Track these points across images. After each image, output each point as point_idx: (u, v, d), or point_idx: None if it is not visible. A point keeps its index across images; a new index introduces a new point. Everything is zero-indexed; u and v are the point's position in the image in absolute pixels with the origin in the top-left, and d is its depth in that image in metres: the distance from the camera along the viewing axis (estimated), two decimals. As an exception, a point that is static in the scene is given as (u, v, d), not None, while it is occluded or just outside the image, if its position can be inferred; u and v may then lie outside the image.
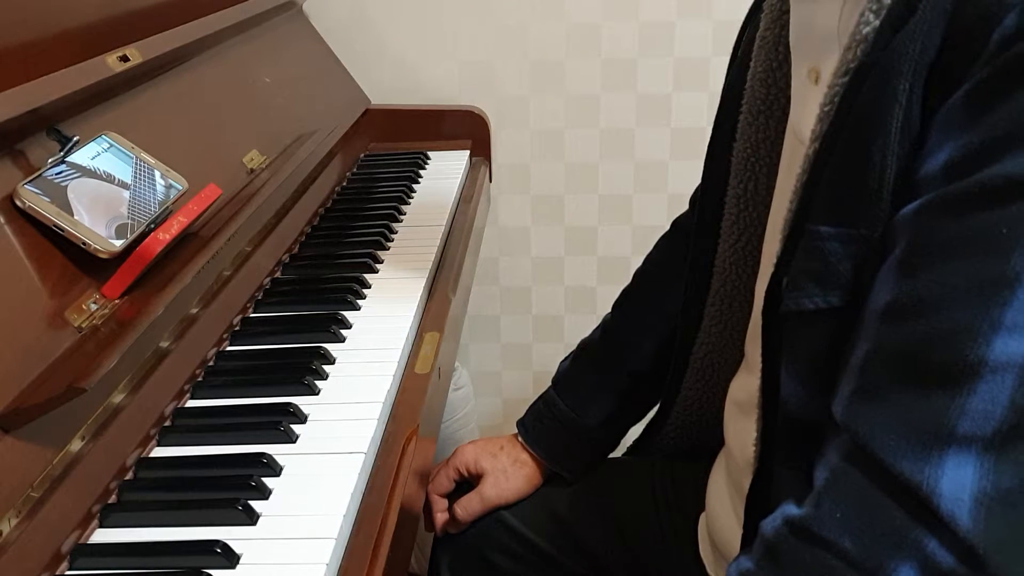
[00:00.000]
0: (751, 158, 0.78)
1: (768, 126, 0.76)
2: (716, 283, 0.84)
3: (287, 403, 0.80)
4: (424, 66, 1.62)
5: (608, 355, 1.01)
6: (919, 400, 0.52)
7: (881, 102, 0.56)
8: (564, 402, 1.00)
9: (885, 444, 0.53)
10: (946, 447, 0.51)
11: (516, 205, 1.71)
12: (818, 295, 0.60)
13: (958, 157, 0.53)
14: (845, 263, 0.59)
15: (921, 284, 0.53)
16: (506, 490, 0.98)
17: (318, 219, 1.24)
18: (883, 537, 0.53)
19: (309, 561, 0.63)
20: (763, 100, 0.76)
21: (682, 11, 1.57)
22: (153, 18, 1.05)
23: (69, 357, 0.70)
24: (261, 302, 1.00)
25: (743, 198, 0.80)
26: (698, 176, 0.88)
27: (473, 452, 1.00)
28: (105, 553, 0.66)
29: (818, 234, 0.60)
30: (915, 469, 0.52)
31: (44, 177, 0.76)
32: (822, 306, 0.60)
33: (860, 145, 0.58)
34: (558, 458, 0.99)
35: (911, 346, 0.53)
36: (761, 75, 0.75)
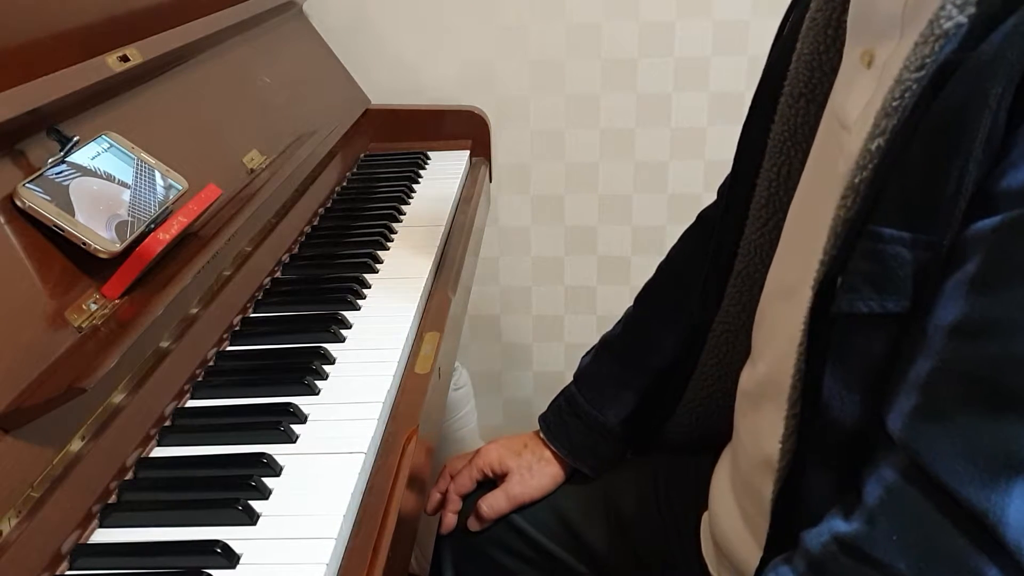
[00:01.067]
0: (788, 141, 0.77)
1: (808, 110, 0.75)
2: (739, 265, 0.84)
3: (287, 403, 0.80)
4: (424, 66, 1.62)
5: (630, 351, 1.00)
6: (988, 424, 0.51)
7: (969, 106, 0.53)
8: (585, 399, 1.00)
9: (949, 468, 0.51)
10: (1015, 475, 0.50)
11: (516, 205, 1.71)
12: (874, 299, 0.58)
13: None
14: (906, 269, 0.56)
15: (995, 304, 0.51)
16: (532, 487, 0.97)
17: (318, 219, 1.24)
18: (942, 563, 0.52)
19: (309, 561, 0.63)
20: (806, 83, 0.74)
21: (682, 11, 1.57)
22: (153, 18, 1.05)
23: (69, 357, 0.70)
24: (261, 302, 1.00)
25: (775, 181, 0.79)
26: (698, 175, 0.88)
27: (497, 451, 1.00)
28: (105, 553, 0.66)
29: (880, 236, 0.57)
30: (981, 496, 0.50)
31: (44, 177, 0.76)
32: (877, 311, 0.58)
33: (940, 149, 0.55)
34: (580, 455, 0.99)
35: (982, 368, 0.51)
36: (807, 57, 0.74)
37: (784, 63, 0.77)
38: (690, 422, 0.94)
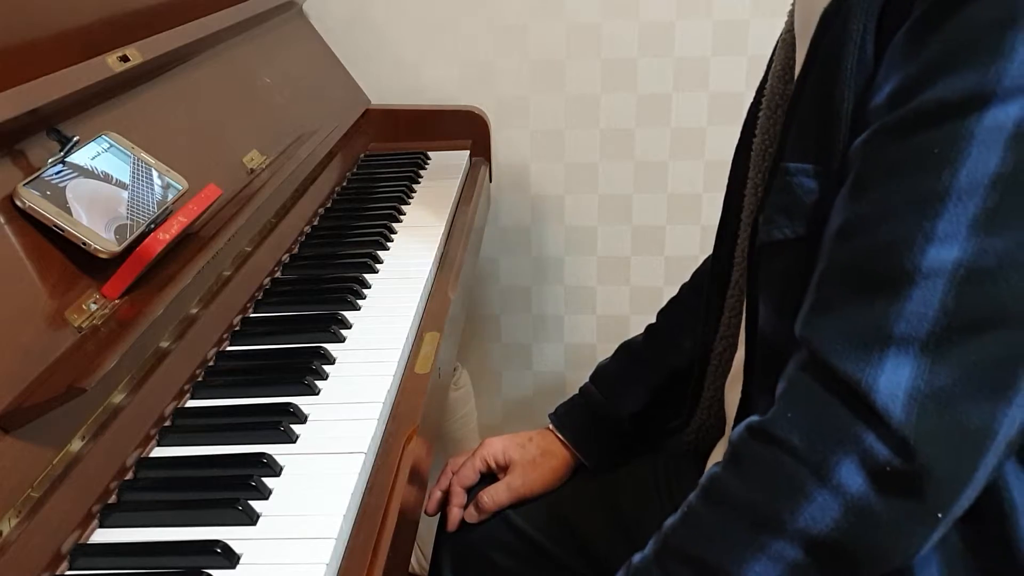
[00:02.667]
0: (768, 151, 0.79)
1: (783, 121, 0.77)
2: (736, 274, 0.85)
3: (287, 403, 0.80)
4: (424, 66, 1.62)
5: (649, 352, 1.02)
6: (863, 307, 0.57)
7: (839, 44, 0.62)
8: (599, 390, 1.01)
9: (832, 348, 0.58)
10: (885, 348, 0.56)
11: (516, 205, 1.71)
12: (787, 226, 0.66)
13: (899, 87, 0.58)
14: (810, 195, 0.64)
15: (866, 204, 0.59)
16: (533, 481, 0.98)
17: (318, 219, 1.24)
18: (827, 434, 0.58)
19: (309, 561, 0.63)
20: (780, 96, 0.78)
21: (682, 11, 1.57)
22: (153, 18, 1.05)
23: (69, 357, 0.70)
24: (261, 302, 1.00)
25: (759, 190, 0.80)
26: (698, 175, 0.88)
27: (501, 444, 1.01)
28: (105, 553, 0.66)
29: (787, 170, 0.66)
30: (856, 368, 0.57)
31: (44, 177, 0.76)
32: (790, 236, 0.66)
33: (822, 86, 0.63)
34: (584, 444, 0.99)
35: (856, 260, 0.59)
36: (779, 72, 0.77)
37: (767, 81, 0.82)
38: (700, 433, 0.95)
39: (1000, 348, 0.55)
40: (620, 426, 0.99)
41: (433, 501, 1.02)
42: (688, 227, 1.71)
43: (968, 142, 0.55)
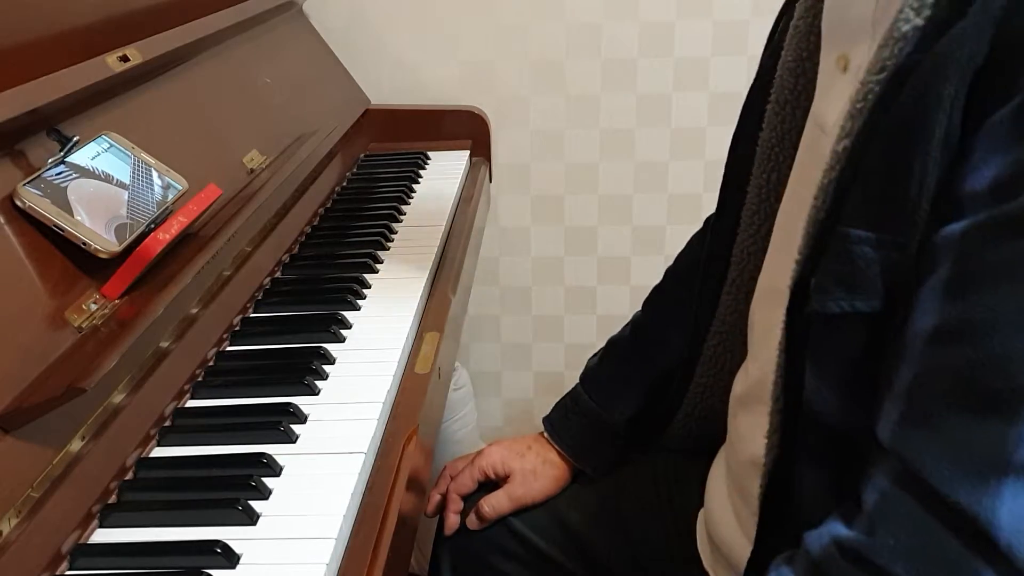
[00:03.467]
0: (775, 148, 0.78)
1: (795, 116, 0.76)
2: (733, 272, 0.84)
3: (287, 403, 0.80)
4: (424, 66, 1.62)
5: (636, 351, 1.00)
6: (972, 427, 0.51)
7: (924, 107, 0.55)
8: (591, 398, 1.00)
9: (939, 473, 0.52)
10: (1004, 476, 0.50)
11: (516, 205, 1.71)
12: (844, 299, 0.59)
13: (1006, 176, 0.51)
14: (874, 268, 0.57)
15: (970, 308, 0.52)
16: (534, 490, 0.97)
17: (318, 219, 1.24)
18: (938, 566, 0.52)
19: (309, 561, 0.63)
20: (791, 90, 0.75)
21: (682, 11, 1.57)
22: (153, 18, 1.05)
23: (69, 357, 0.70)
24: (261, 302, 1.00)
25: (765, 188, 0.80)
26: (698, 175, 0.88)
27: (500, 453, 1.00)
28: (105, 553, 0.66)
29: (849, 237, 0.58)
30: (972, 499, 0.50)
31: (44, 177, 0.76)
32: (848, 311, 0.59)
33: (899, 150, 0.56)
34: (583, 454, 0.99)
35: (962, 371, 0.52)
36: (791, 64, 0.75)
37: (772, 71, 0.78)
38: (688, 426, 0.94)
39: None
40: (615, 431, 0.98)
41: (431, 504, 1.01)
42: (688, 227, 1.70)
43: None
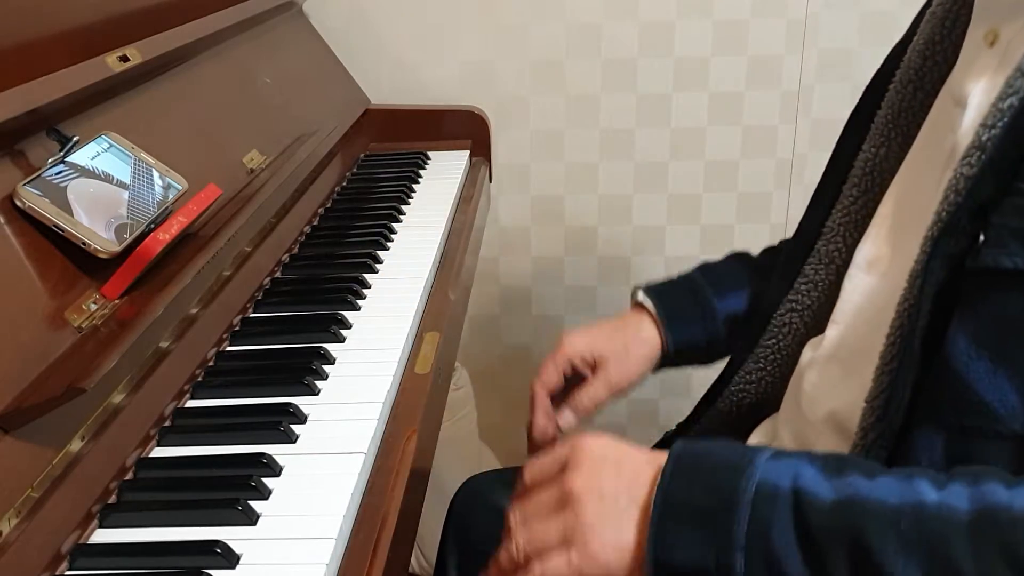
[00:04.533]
0: (890, 124, 0.80)
1: (915, 97, 0.78)
2: (821, 243, 0.84)
3: (287, 403, 0.80)
4: (424, 66, 1.62)
5: (762, 266, 0.98)
6: None
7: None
8: (705, 280, 0.97)
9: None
10: None
11: (516, 205, 1.71)
12: (1019, 255, 0.57)
13: None
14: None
15: None
16: (631, 371, 0.93)
17: (318, 219, 1.24)
18: None
19: (309, 561, 0.63)
20: (917, 70, 0.78)
21: (682, 11, 1.57)
22: (153, 18, 1.05)
23: (69, 357, 0.70)
24: (261, 302, 1.00)
25: (872, 162, 0.81)
26: (698, 175, 0.88)
27: (585, 339, 0.94)
28: (105, 553, 0.65)
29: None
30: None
31: (44, 177, 0.76)
32: (1022, 267, 0.56)
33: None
34: (677, 325, 0.94)
35: None
36: (921, 47, 0.77)
37: (899, 59, 0.81)
38: (732, 404, 0.92)
39: None
40: (716, 319, 0.95)
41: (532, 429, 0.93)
42: (688, 227, 1.71)
43: None
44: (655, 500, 0.59)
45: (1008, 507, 0.52)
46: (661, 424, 1.83)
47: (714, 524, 0.57)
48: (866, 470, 0.57)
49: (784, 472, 0.57)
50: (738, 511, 0.56)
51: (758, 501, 0.56)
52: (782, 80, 1.61)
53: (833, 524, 0.54)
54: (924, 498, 0.54)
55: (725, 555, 0.56)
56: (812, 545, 0.54)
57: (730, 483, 0.57)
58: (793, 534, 0.55)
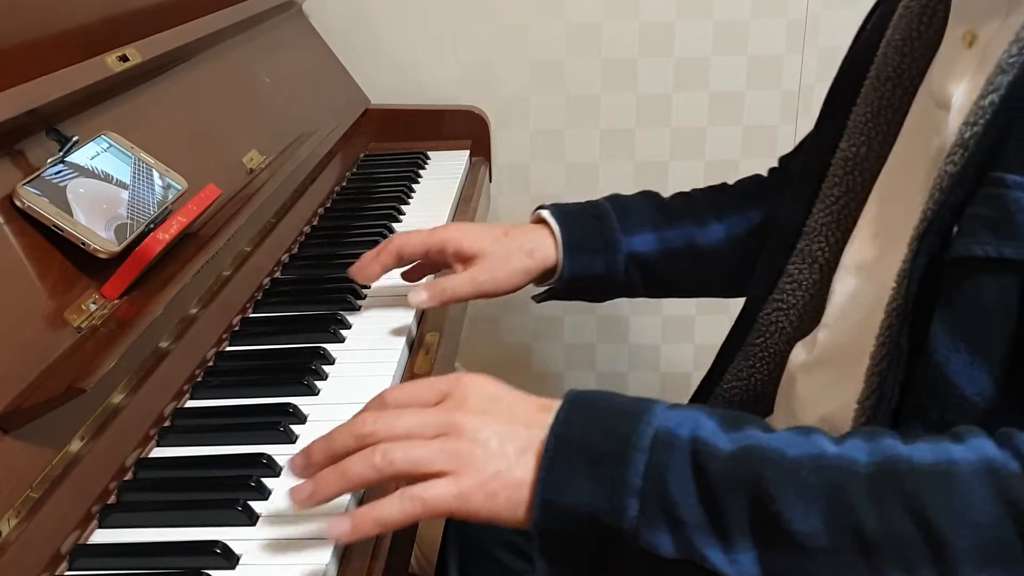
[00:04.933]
0: (870, 123, 0.79)
1: (894, 94, 0.77)
2: (803, 242, 0.84)
3: (287, 403, 0.80)
4: (424, 66, 1.62)
5: (674, 207, 0.98)
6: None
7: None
8: (612, 208, 0.96)
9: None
10: None
11: (516, 205, 1.71)
12: (991, 243, 0.57)
13: None
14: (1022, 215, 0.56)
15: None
16: (501, 279, 0.90)
17: (318, 219, 1.24)
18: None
19: (309, 562, 0.63)
20: (895, 67, 0.77)
21: (682, 11, 1.57)
22: (153, 18, 1.05)
23: (68, 357, 0.70)
24: (261, 302, 1.00)
25: (852, 161, 0.80)
26: (698, 175, 0.88)
27: (471, 230, 0.91)
28: (104, 554, 0.65)
29: (1003, 181, 0.57)
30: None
31: (43, 177, 0.76)
32: (993, 255, 0.57)
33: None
34: (576, 247, 0.92)
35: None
36: (897, 43, 0.77)
37: (869, 51, 0.80)
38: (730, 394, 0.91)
39: None
40: (618, 252, 0.94)
41: (362, 266, 0.91)
42: (688, 227, 1.71)
43: None
44: (547, 443, 0.58)
45: (908, 459, 0.53)
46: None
47: (608, 467, 0.56)
48: (763, 426, 0.57)
49: (683, 421, 0.57)
50: (634, 455, 0.56)
51: (656, 446, 0.55)
52: (782, 80, 1.61)
53: (732, 471, 0.54)
54: (824, 450, 0.54)
55: (618, 498, 0.55)
56: (710, 492, 0.54)
57: (626, 428, 0.57)
58: (691, 480, 0.55)
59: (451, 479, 0.57)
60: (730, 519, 0.54)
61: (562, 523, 0.57)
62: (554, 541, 0.58)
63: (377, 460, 0.57)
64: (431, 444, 0.58)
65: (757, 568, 0.54)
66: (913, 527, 0.51)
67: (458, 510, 0.57)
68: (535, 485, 0.57)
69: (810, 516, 0.52)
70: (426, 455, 0.58)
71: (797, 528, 0.52)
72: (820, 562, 0.53)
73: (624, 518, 0.55)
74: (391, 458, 0.57)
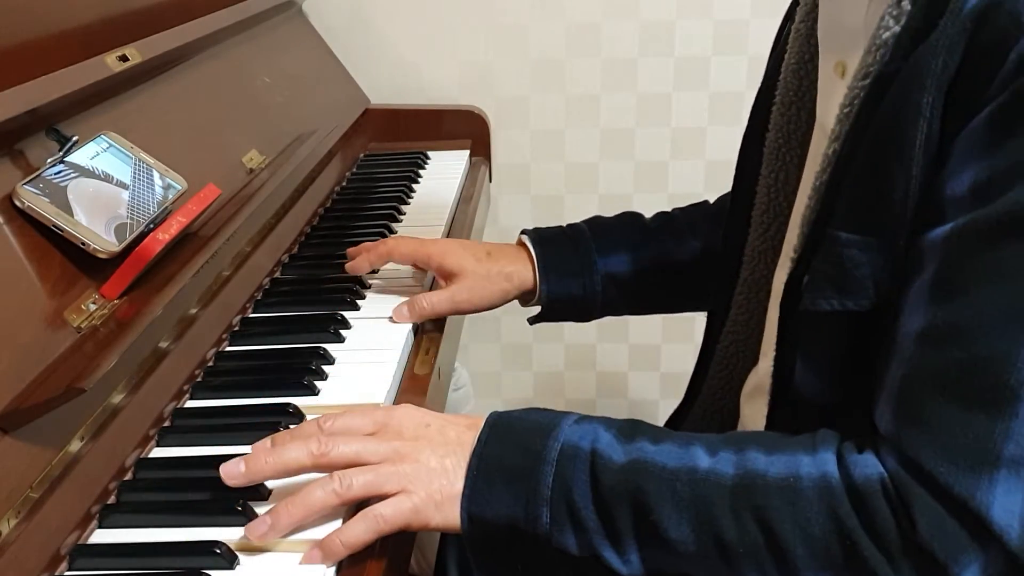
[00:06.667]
0: (782, 148, 0.79)
1: (800, 117, 0.77)
2: (745, 272, 0.84)
3: (287, 403, 0.80)
4: (424, 66, 1.62)
5: (651, 228, 0.99)
6: (963, 424, 0.54)
7: (904, 114, 0.57)
8: (591, 233, 0.98)
9: (937, 465, 0.54)
10: (995, 470, 0.53)
11: (516, 205, 1.71)
12: (834, 298, 0.62)
13: (983, 181, 0.54)
14: (863, 270, 0.60)
15: (956, 310, 0.55)
16: (480, 298, 0.94)
17: (318, 219, 1.24)
18: (952, 539, 0.54)
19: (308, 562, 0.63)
20: (795, 91, 0.77)
21: (682, 11, 1.57)
22: (152, 18, 1.05)
23: (68, 357, 0.70)
24: (261, 302, 1.00)
25: (774, 187, 0.80)
26: (698, 175, 0.88)
27: (455, 248, 0.95)
28: (104, 554, 0.65)
29: (838, 239, 0.61)
30: (967, 490, 0.53)
31: (43, 177, 0.76)
32: (838, 308, 0.62)
33: (882, 156, 0.59)
34: (552, 270, 0.95)
35: (951, 372, 0.55)
36: (794, 66, 0.76)
37: (777, 73, 0.80)
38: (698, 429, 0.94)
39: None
40: (594, 275, 0.96)
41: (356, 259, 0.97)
42: (688, 227, 1.71)
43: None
44: (470, 463, 0.65)
45: (763, 474, 0.59)
46: (661, 424, 1.83)
47: (523, 480, 0.63)
48: (653, 435, 0.64)
49: (585, 435, 0.64)
50: (544, 468, 0.63)
51: (562, 459, 0.62)
52: (782, 80, 1.61)
53: (621, 484, 0.61)
54: (697, 463, 0.61)
55: (533, 507, 0.62)
56: (603, 502, 0.61)
57: (537, 444, 0.64)
58: (589, 491, 0.61)
59: (404, 496, 0.64)
60: (620, 526, 0.61)
61: (486, 531, 0.64)
62: (484, 547, 0.65)
63: (336, 486, 0.63)
64: (380, 468, 0.65)
65: (644, 566, 0.61)
66: (762, 536, 0.58)
67: (415, 522, 0.64)
68: (461, 501, 0.64)
69: (682, 525, 0.60)
70: (378, 479, 0.64)
71: (671, 536, 0.60)
72: (692, 563, 0.60)
73: (539, 525, 0.62)
74: (349, 483, 0.63)
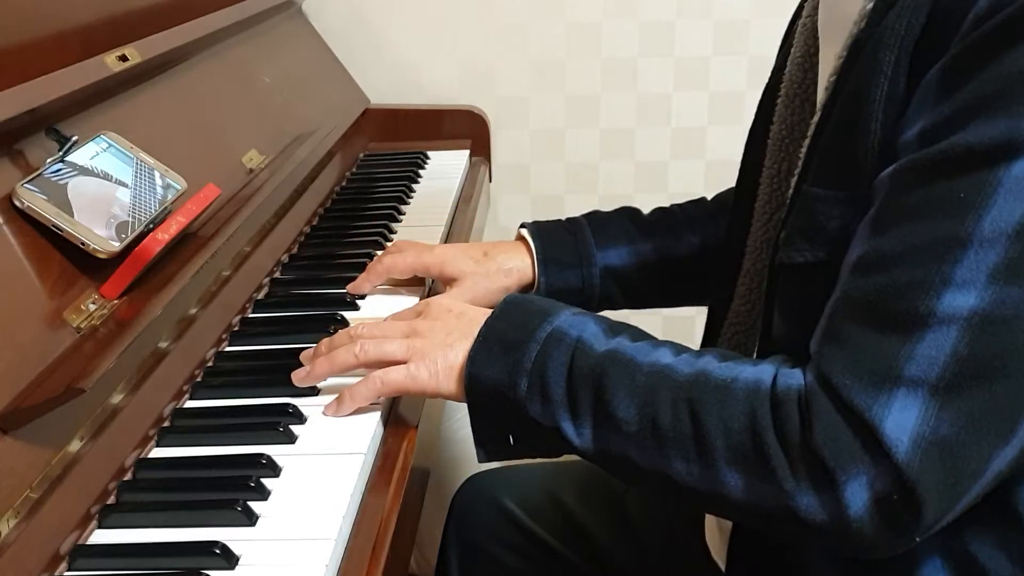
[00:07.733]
0: (785, 139, 0.80)
1: (803, 108, 0.78)
2: (747, 262, 0.84)
3: (287, 403, 0.79)
4: (424, 66, 1.62)
5: (650, 222, 1.01)
6: (873, 343, 0.58)
7: (869, 74, 0.62)
8: (590, 228, 1.00)
9: (842, 380, 0.58)
10: (895, 388, 0.57)
11: (516, 205, 1.70)
12: (807, 250, 0.66)
13: (930, 126, 0.58)
14: (833, 223, 0.65)
15: (886, 241, 0.59)
16: (480, 297, 0.95)
17: (317, 219, 1.24)
18: (844, 449, 0.58)
19: (309, 562, 0.63)
20: (799, 84, 0.78)
21: (682, 11, 1.57)
22: (152, 18, 1.05)
23: (68, 357, 0.70)
24: (260, 302, 1.00)
25: (776, 178, 0.81)
26: (698, 175, 0.88)
27: (452, 253, 0.97)
28: (104, 554, 0.65)
29: (810, 195, 0.66)
30: (866, 405, 0.57)
31: (43, 177, 0.76)
32: (810, 260, 0.66)
33: (850, 114, 0.63)
34: (551, 262, 0.97)
35: (871, 296, 0.59)
36: (799, 60, 0.78)
37: (783, 68, 0.81)
38: None
39: (1006, 397, 0.56)
40: (592, 267, 0.98)
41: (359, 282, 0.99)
42: (688, 227, 1.71)
43: (994, 190, 0.55)
44: (480, 331, 0.73)
45: (708, 374, 0.64)
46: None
47: (514, 352, 0.71)
48: (634, 335, 0.70)
49: (576, 324, 0.71)
50: (532, 345, 0.70)
51: (549, 340, 0.70)
52: (782, 80, 1.61)
53: (592, 367, 0.67)
54: (660, 359, 0.67)
55: (515, 376, 0.70)
56: (573, 380, 0.68)
57: (533, 324, 0.71)
58: (563, 370, 0.68)
59: (405, 365, 0.75)
60: (580, 402, 0.67)
61: (481, 393, 0.72)
62: (479, 412, 0.73)
63: (356, 350, 0.77)
64: (395, 340, 0.77)
65: (593, 442, 0.68)
66: (691, 426, 0.63)
67: (411, 387, 0.75)
68: (465, 362, 0.73)
69: (630, 408, 0.65)
70: (390, 348, 0.76)
71: (619, 415, 0.65)
72: (631, 443, 0.66)
73: (517, 391, 0.70)
74: (366, 349, 0.77)
